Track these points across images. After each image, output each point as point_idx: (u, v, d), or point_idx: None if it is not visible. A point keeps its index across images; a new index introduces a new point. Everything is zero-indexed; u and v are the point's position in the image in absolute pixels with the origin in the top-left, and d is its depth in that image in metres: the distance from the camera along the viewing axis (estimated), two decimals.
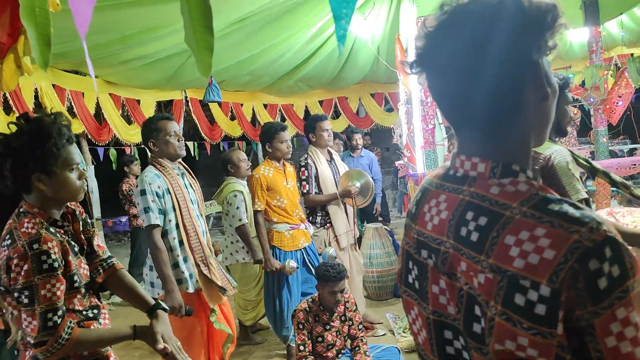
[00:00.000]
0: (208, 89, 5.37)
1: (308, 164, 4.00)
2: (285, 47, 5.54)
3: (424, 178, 0.97)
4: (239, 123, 7.47)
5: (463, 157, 0.84)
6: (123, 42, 4.26)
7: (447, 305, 0.82)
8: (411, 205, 0.96)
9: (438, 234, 0.84)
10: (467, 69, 0.77)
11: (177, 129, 2.85)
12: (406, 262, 0.94)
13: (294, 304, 3.64)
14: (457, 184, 0.84)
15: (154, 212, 2.71)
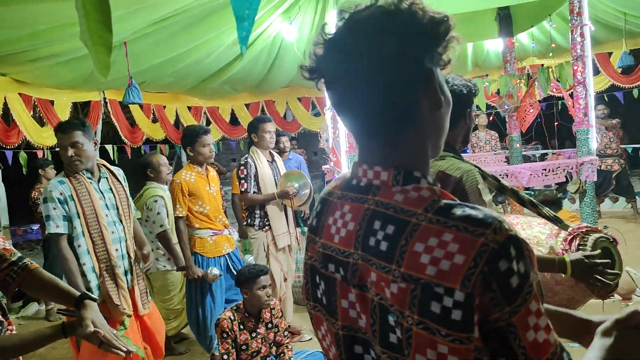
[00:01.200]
0: (128, 90, 5.14)
1: (248, 163, 3.99)
2: (211, 49, 5.43)
3: (323, 189, 0.95)
4: (162, 126, 7.23)
5: (365, 167, 0.83)
6: (34, 38, 4.01)
7: (358, 318, 0.80)
8: (311, 218, 0.94)
9: (345, 246, 0.82)
10: (361, 77, 0.78)
11: (80, 139, 2.72)
12: (312, 277, 0.91)
13: (217, 312, 3.55)
14: (361, 193, 0.83)
15: (55, 220, 2.65)
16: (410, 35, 0.77)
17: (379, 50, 0.76)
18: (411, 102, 0.79)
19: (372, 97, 0.78)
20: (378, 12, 0.78)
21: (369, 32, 0.77)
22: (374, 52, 0.76)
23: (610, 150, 7.30)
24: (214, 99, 7.66)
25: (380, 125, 0.80)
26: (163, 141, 7.73)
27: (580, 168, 4.30)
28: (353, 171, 0.87)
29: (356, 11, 0.80)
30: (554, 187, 8.86)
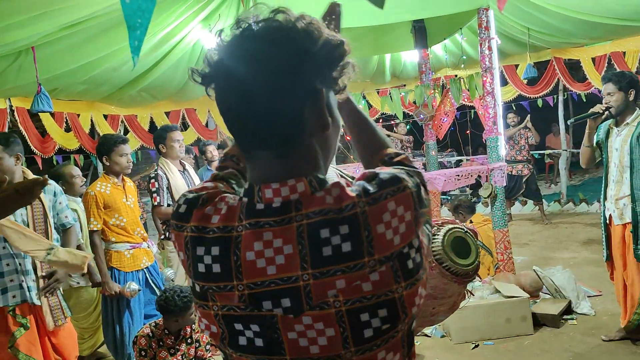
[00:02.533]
0: (36, 98, 4.84)
1: (158, 175, 3.85)
2: (127, 55, 5.24)
3: (204, 230, 0.83)
4: (76, 135, 6.87)
5: (275, 185, 0.80)
6: None
7: (310, 345, 0.79)
8: (205, 267, 0.82)
9: (288, 272, 0.77)
10: (251, 86, 0.79)
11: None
12: (229, 326, 0.83)
13: (136, 328, 3.42)
14: (281, 214, 0.79)
15: None
16: (301, 53, 0.79)
17: (270, 62, 0.78)
18: (297, 118, 0.80)
19: (262, 108, 0.79)
20: (274, 26, 0.80)
21: (263, 43, 0.79)
22: (265, 64, 0.78)
23: (520, 156, 7.78)
24: (132, 107, 7.38)
25: (270, 138, 0.81)
26: (77, 151, 7.35)
27: (491, 173, 4.55)
28: (253, 195, 0.82)
29: (255, 22, 0.81)
30: (469, 192, 9.30)
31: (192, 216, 0.85)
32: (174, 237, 0.89)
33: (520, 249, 6.22)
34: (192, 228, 0.84)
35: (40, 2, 3.47)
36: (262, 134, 0.81)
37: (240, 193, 0.86)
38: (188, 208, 0.87)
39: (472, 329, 3.82)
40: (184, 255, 0.86)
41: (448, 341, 3.90)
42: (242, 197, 0.84)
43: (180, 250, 0.87)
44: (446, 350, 3.79)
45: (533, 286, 4.29)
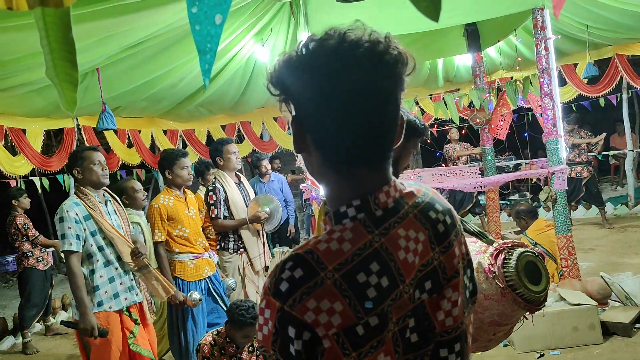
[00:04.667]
0: (101, 116, 5.10)
1: (216, 188, 3.95)
2: (184, 72, 5.43)
3: (348, 266, 0.78)
4: (137, 150, 7.18)
5: (386, 188, 0.87)
6: (2, 68, 3.96)
7: (446, 318, 0.86)
8: (376, 286, 0.78)
9: (425, 257, 0.85)
10: (371, 102, 0.83)
11: (101, 159, 3.08)
12: (401, 339, 0.81)
13: (199, 336, 3.52)
14: (397, 212, 0.86)
15: (69, 238, 2.87)
16: (398, 68, 0.84)
17: (384, 79, 0.84)
18: (396, 130, 0.88)
19: (379, 121, 0.85)
20: (373, 40, 0.82)
21: (371, 59, 0.81)
22: (379, 80, 0.83)
23: (579, 159, 7.47)
24: (190, 122, 7.64)
25: (379, 151, 0.88)
26: (139, 166, 7.67)
27: (551, 177, 4.40)
28: (368, 209, 0.84)
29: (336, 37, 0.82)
30: (529, 196, 9.01)
31: (320, 264, 0.78)
32: (313, 304, 0.76)
33: (586, 255, 5.97)
34: (336, 267, 0.78)
35: (106, 26, 3.66)
36: (378, 146, 0.86)
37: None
38: (305, 269, 0.79)
39: (537, 337, 3.69)
40: (343, 300, 0.76)
41: (512, 350, 3.79)
42: (355, 216, 0.84)
43: (332, 302, 0.76)
44: (510, 359, 3.68)
45: (601, 293, 4.11)
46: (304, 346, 0.75)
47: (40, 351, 5.35)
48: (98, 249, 2.99)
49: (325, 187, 0.90)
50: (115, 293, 3.02)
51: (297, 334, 0.75)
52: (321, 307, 0.75)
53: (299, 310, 0.76)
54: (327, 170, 0.88)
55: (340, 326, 0.75)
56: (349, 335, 0.75)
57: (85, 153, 3.06)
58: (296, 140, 0.89)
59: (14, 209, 5.47)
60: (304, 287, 0.76)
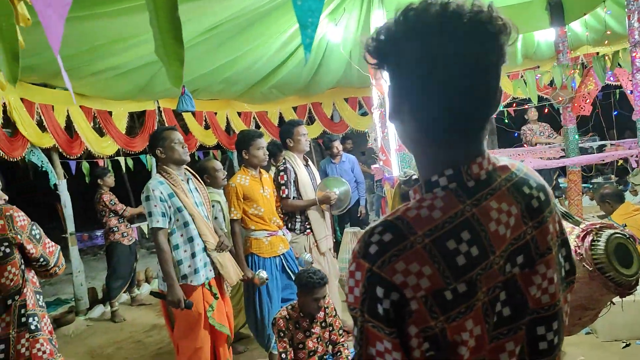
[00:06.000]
0: (181, 99, 5.32)
1: (287, 169, 4.01)
2: (258, 54, 5.53)
3: (442, 227, 0.79)
4: (214, 132, 7.42)
5: (479, 160, 0.86)
6: (92, 53, 4.20)
7: (542, 295, 0.86)
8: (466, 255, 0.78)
9: (517, 231, 0.85)
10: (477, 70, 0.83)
11: (181, 138, 3.22)
12: (492, 310, 0.80)
13: (274, 311, 3.63)
14: (490, 183, 0.85)
15: (155, 216, 3.04)
16: (502, 35, 0.82)
17: (493, 48, 0.83)
18: (498, 98, 0.87)
19: (485, 90, 0.84)
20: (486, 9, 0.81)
21: (479, 27, 0.80)
22: (487, 48, 0.82)
23: None
24: (263, 104, 7.79)
25: (480, 119, 0.87)
26: (215, 147, 7.92)
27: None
28: (460, 179, 0.84)
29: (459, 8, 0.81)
30: (614, 179, 8.52)
31: (411, 229, 0.79)
32: (402, 266, 0.77)
33: None
34: (426, 234, 0.78)
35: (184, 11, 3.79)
36: (477, 116, 0.86)
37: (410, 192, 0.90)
38: (394, 233, 0.80)
39: (622, 326, 3.51)
40: (432, 265, 0.77)
41: (595, 338, 3.63)
42: (446, 186, 0.84)
43: (422, 265, 0.77)
44: (593, 347, 3.54)
45: None
46: (392, 306, 0.77)
47: (127, 320, 5.73)
48: (183, 225, 3.14)
49: (418, 156, 0.91)
50: (196, 268, 3.16)
51: (385, 294, 0.77)
52: (410, 269, 0.76)
53: (387, 271, 0.77)
54: (421, 139, 0.88)
55: (429, 289, 0.76)
56: (437, 298, 0.76)
57: (165, 133, 3.21)
58: (392, 109, 0.89)
59: (100, 187, 5.83)
60: (393, 249, 0.77)
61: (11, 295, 1.83)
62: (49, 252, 1.99)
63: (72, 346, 4.97)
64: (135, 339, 5.11)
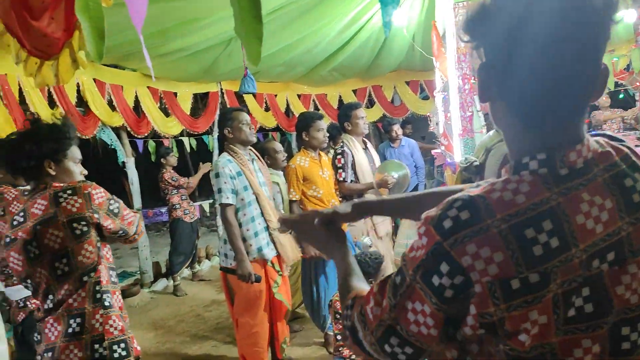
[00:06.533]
0: (243, 81, 5.37)
1: (345, 152, 3.99)
2: (320, 37, 5.52)
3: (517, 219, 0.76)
4: (273, 114, 7.49)
5: (579, 147, 0.81)
6: (163, 35, 4.32)
7: (631, 295, 0.79)
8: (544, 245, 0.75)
9: (612, 226, 0.78)
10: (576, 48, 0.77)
11: (248, 119, 3.33)
12: (564, 302, 0.76)
13: (331, 292, 3.66)
14: (586, 173, 0.80)
15: (225, 192, 3.14)
16: (603, 20, 0.77)
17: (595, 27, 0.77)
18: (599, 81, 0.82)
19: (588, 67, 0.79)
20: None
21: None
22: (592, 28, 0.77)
23: None
24: (323, 86, 7.78)
25: (580, 102, 0.82)
26: (274, 129, 8.01)
27: None
28: (553, 165, 0.80)
29: None
30: None
31: (489, 211, 0.76)
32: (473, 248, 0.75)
33: None
34: (504, 218, 0.76)
35: None
36: (576, 99, 0.81)
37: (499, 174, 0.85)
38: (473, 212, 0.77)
39: None
40: (505, 252, 0.74)
41: None
42: (535, 170, 0.80)
43: (494, 251, 0.74)
44: None
45: None
46: (452, 287, 0.76)
47: (188, 294, 5.95)
48: (247, 204, 3.23)
49: (510, 136, 0.87)
50: (259, 247, 3.25)
51: (449, 273, 0.76)
52: (480, 253, 0.74)
53: (457, 251, 0.75)
54: (513, 120, 0.84)
55: (497, 276, 0.74)
56: (503, 286, 0.74)
57: (234, 114, 3.31)
58: (482, 89, 0.86)
59: (163, 166, 6.05)
60: (467, 230, 0.75)
61: (87, 272, 1.87)
62: (127, 223, 2.00)
63: (136, 317, 5.22)
64: (196, 312, 5.31)
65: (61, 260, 1.84)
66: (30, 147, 1.90)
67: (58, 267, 1.84)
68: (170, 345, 4.45)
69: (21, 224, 1.89)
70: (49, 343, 1.83)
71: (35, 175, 1.95)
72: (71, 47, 1.93)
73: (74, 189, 1.88)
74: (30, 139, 1.91)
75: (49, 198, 1.87)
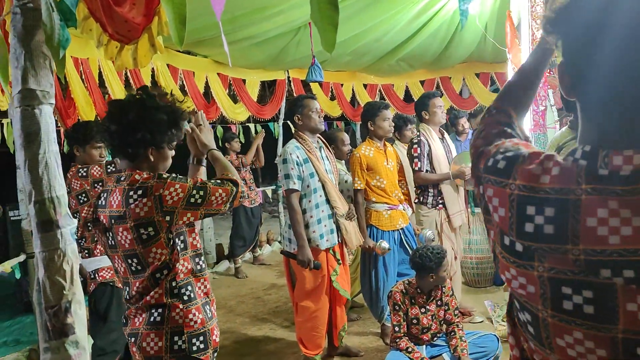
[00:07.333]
0: (311, 69, 5.41)
1: (421, 142, 3.95)
2: (390, 25, 5.45)
3: (535, 190, 0.81)
4: (339, 103, 7.50)
5: (628, 153, 0.76)
6: (233, 22, 4.41)
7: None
8: (534, 227, 0.80)
9: (634, 245, 0.73)
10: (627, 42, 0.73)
11: (318, 107, 3.33)
12: (555, 289, 0.80)
13: (389, 283, 3.65)
14: (629, 184, 0.74)
15: (292, 178, 3.19)
16: None
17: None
18: None
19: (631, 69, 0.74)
20: None
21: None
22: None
23: None
24: (389, 76, 7.70)
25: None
26: (339, 118, 8.02)
27: None
28: (596, 159, 0.78)
29: None
30: None
31: (516, 173, 0.83)
32: (491, 192, 0.87)
33: None
34: (520, 187, 0.82)
35: None
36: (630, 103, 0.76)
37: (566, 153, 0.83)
38: (508, 164, 0.86)
39: None
40: (506, 212, 0.83)
41: None
42: (577, 159, 0.80)
43: (500, 206, 0.85)
44: None
45: None
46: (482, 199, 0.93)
47: (248, 277, 6.11)
48: (312, 190, 3.27)
49: (579, 127, 0.87)
50: (321, 234, 3.29)
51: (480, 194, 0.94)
52: (493, 199, 0.87)
53: (484, 186, 0.91)
54: (579, 112, 0.86)
55: (498, 224, 0.86)
56: (501, 235, 0.85)
57: (305, 101, 3.33)
58: (560, 83, 0.87)
59: (227, 151, 6.21)
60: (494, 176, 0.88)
61: (159, 271, 1.79)
62: (217, 205, 1.84)
63: None
64: (256, 295, 5.44)
65: (132, 259, 1.80)
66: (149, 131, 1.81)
67: (131, 264, 1.81)
68: (230, 324, 4.59)
69: (103, 207, 1.85)
70: (134, 328, 1.84)
71: (130, 156, 1.85)
72: (150, 32, 2.01)
73: (145, 189, 1.74)
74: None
75: (123, 194, 1.76)
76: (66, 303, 1.56)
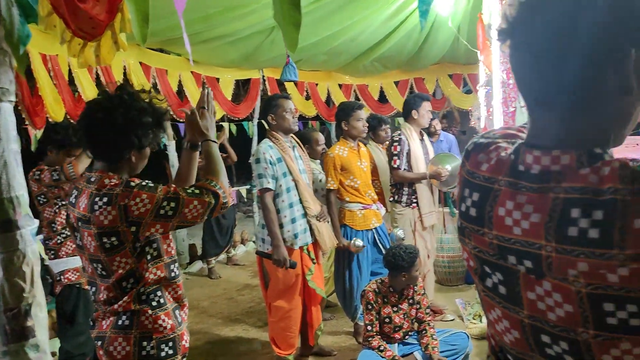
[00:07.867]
0: (285, 68, 5.39)
1: (401, 140, 4.02)
2: (364, 25, 5.46)
3: (473, 175, 0.90)
4: (314, 103, 7.49)
5: (537, 153, 0.79)
6: (206, 21, 4.37)
7: (548, 311, 0.77)
8: (463, 206, 0.91)
9: (532, 238, 0.77)
10: (553, 47, 0.75)
11: (292, 107, 3.32)
12: (481, 267, 0.89)
13: (363, 282, 3.67)
14: (539, 182, 0.77)
15: (266, 177, 3.17)
16: (613, 11, 0.72)
17: (578, 23, 0.72)
18: (598, 80, 0.74)
19: (562, 71, 0.75)
20: None
21: (572, 3, 0.74)
22: (573, 25, 0.73)
23: None
24: (364, 77, 7.72)
25: (564, 101, 0.77)
26: (314, 118, 8.01)
27: None
28: (519, 156, 0.82)
29: None
30: None
31: (469, 159, 0.92)
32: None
33: None
34: (467, 171, 0.92)
35: None
36: (553, 96, 0.79)
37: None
38: (471, 150, 0.93)
39: None
40: (458, 191, 0.95)
41: None
42: (510, 154, 0.85)
43: (457, 184, 0.97)
44: None
45: None
46: None
47: (222, 277, 6.06)
48: (285, 190, 3.26)
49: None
50: (296, 233, 3.28)
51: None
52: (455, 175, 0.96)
53: (470, 164, 0.95)
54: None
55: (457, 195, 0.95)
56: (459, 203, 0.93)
57: (279, 101, 3.31)
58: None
59: None
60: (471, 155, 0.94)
61: (125, 279, 1.71)
62: (191, 218, 1.71)
63: None
64: (229, 295, 5.40)
65: (97, 264, 1.72)
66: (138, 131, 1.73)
67: (97, 268, 1.74)
68: (203, 325, 4.55)
69: (73, 206, 1.77)
70: (101, 331, 1.78)
71: (113, 159, 1.75)
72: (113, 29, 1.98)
73: (110, 197, 1.63)
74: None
75: (89, 198, 1.67)
76: (26, 306, 1.52)
